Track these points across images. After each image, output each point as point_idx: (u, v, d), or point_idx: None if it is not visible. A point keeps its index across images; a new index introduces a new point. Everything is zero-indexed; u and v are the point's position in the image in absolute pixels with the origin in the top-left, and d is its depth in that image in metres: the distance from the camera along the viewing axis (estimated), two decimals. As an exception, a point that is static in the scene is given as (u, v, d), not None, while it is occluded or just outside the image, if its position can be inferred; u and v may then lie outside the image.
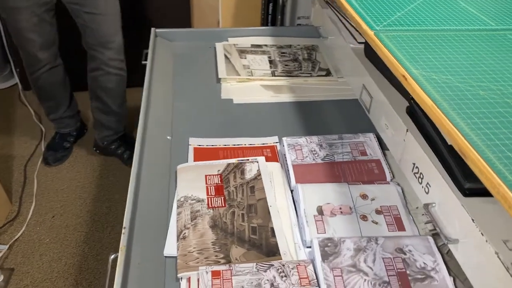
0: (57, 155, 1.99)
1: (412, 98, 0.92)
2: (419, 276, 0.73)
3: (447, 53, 0.69)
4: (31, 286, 1.42)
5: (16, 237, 1.53)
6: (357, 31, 1.24)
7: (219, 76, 1.29)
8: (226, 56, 1.38)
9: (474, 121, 0.53)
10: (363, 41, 1.19)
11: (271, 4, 1.95)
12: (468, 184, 0.70)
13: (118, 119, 1.95)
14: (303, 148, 0.98)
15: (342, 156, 0.97)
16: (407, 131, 0.88)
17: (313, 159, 0.96)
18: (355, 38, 1.21)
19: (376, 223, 0.84)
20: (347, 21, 1.28)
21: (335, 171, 0.94)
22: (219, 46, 1.44)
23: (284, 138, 1.01)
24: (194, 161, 1.00)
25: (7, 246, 1.52)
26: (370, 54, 1.12)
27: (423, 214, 0.90)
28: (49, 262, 1.49)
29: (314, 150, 0.98)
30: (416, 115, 0.89)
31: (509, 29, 0.77)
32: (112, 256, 0.78)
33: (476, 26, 0.78)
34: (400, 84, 0.99)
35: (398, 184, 0.92)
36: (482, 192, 0.71)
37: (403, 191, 0.91)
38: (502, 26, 0.77)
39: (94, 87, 1.88)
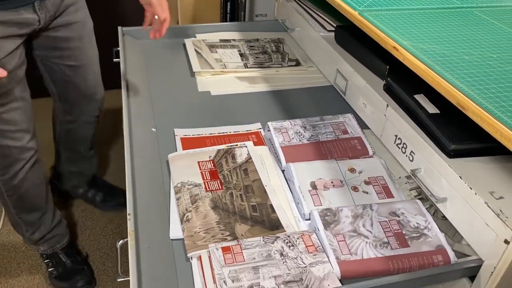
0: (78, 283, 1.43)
1: (388, 76, 0.99)
2: (415, 235, 0.79)
3: (427, 27, 0.76)
4: (12, 295, 1.38)
5: (-10, 247, 1.47)
6: (325, 20, 1.30)
7: (194, 70, 1.31)
8: (197, 51, 1.40)
9: (467, 80, 0.59)
10: (332, 29, 1.25)
11: (229, 3, 1.99)
12: (453, 146, 0.77)
13: (90, 165, 1.64)
14: (289, 130, 1.02)
15: (326, 135, 1.02)
16: (387, 106, 0.94)
17: (299, 140, 1.00)
18: (324, 27, 1.27)
19: (367, 192, 0.90)
20: (314, 11, 1.34)
21: (321, 150, 0.99)
22: (188, 42, 1.46)
23: (269, 123, 1.04)
24: (183, 150, 1.02)
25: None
26: (342, 39, 1.18)
27: (406, 183, 0.96)
28: (28, 270, 1.43)
29: (299, 132, 1.02)
30: (395, 90, 0.95)
31: (474, 7, 0.85)
32: (120, 242, 0.79)
33: (445, 5, 0.85)
34: (375, 65, 1.06)
35: (381, 157, 0.98)
36: (465, 152, 0.79)
37: (386, 163, 0.97)
38: (467, 4, 0.86)
39: (66, 139, 1.54)
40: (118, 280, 0.74)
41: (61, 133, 1.54)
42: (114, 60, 1.34)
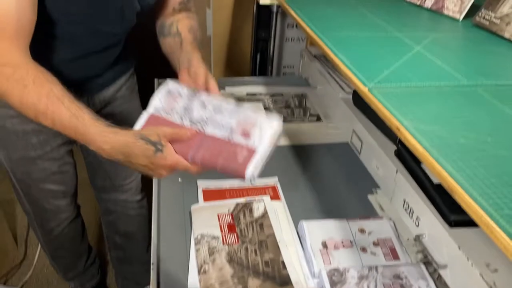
0: None
1: (399, 143, 1.05)
2: (416, 299, 0.83)
3: (430, 106, 0.83)
4: (45, 325, 1.46)
5: (25, 279, 1.56)
6: (344, 82, 1.39)
7: (220, 123, 1.40)
8: (224, 105, 1.50)
9: (459, 164, 0.65)
10: (351, 91, 1.33)
11: (258, 56, 2.11)
12: (453, 217, 0.83)
13: (146, 270, 1.48)
14: None
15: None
16: (397, 171, 1.00)
17: None
18: (343, 89, 1.36)
19: (374, 254, 0.95)
20: (335, 73, 1.43)
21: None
22: (217, 95, 1.56)
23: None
24: (204, 201, 1.10)
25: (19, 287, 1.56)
26: (358, 103, 1.26)
27: (413, 245, 1.01)
28: (59, 303, 1.53)
29: None
30: (404, 157, 1.02)
31: (478, 85, 0.91)
32: (143, 290, 0.86)
33: (451, 82, 0.92)
34: (387, 130, 1.13)
35: (390, 219, 1.04)
36: (465, 223, 0.84)
37: (395, 225, 1.02)
38: (472, 82, 0.92)
39: (110, 232, 1.54)
40: (138, 326, 0.81)
41: (104, 225, 1.54)
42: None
